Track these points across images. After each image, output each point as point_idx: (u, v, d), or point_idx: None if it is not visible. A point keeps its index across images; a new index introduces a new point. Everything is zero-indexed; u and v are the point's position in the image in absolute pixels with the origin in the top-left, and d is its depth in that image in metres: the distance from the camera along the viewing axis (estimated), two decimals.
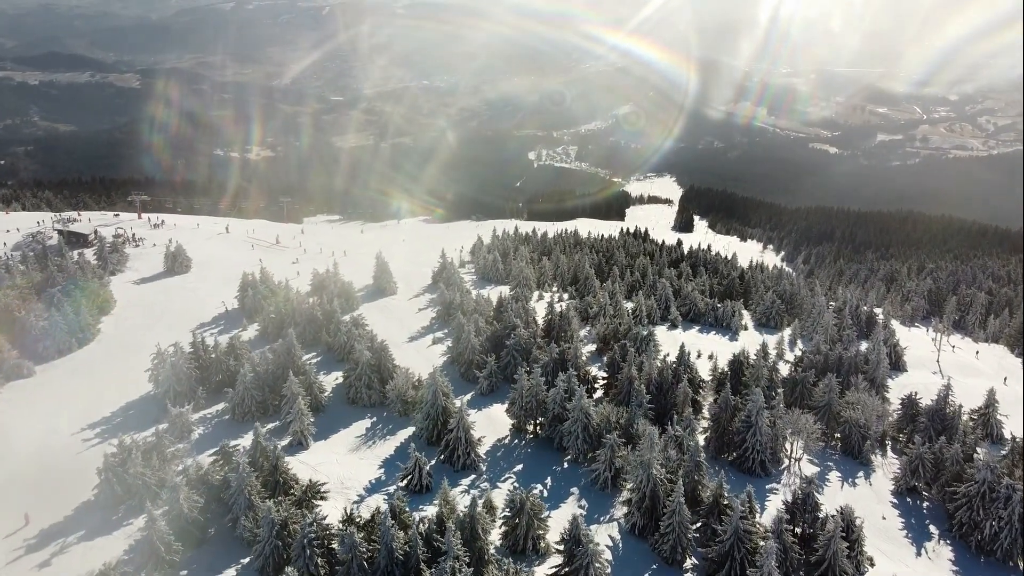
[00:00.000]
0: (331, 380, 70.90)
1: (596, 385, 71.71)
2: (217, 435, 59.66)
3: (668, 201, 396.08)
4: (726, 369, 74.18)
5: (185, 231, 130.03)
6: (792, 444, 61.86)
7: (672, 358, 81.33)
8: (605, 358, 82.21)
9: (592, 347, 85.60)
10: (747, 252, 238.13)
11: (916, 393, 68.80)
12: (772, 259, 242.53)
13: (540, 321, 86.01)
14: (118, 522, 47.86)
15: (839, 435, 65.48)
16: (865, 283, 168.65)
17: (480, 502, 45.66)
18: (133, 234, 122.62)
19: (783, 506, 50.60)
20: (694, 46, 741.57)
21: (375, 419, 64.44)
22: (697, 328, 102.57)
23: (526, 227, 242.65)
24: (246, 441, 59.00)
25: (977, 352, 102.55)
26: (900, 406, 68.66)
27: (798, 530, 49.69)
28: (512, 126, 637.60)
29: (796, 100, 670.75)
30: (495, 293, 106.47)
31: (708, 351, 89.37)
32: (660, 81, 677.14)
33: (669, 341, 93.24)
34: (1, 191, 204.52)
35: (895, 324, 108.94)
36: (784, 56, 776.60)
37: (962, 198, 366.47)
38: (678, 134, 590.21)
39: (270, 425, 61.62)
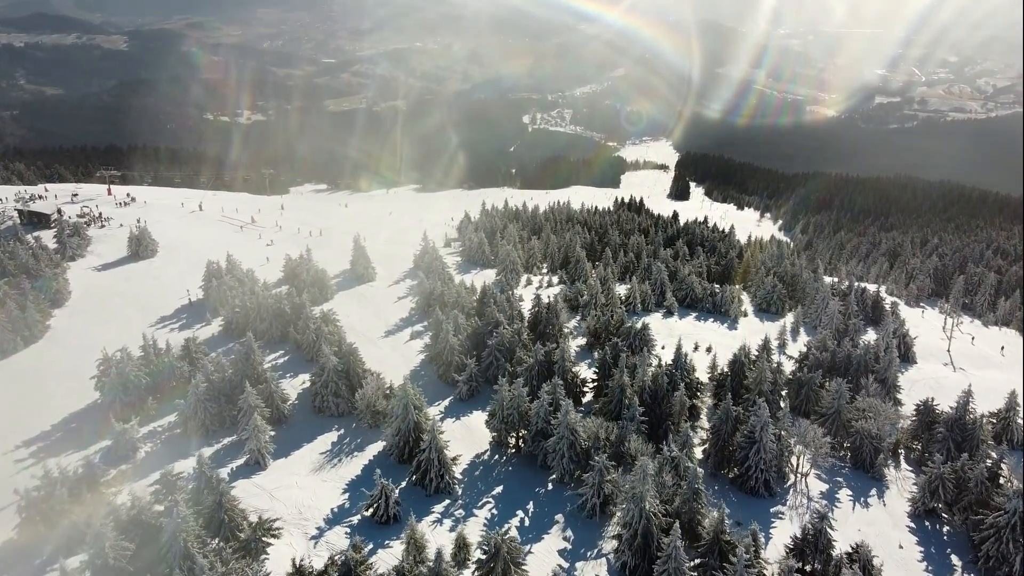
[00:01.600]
0: (298, 384, 65.23)
1: (585, 389, 66.19)
2: (166, 453, 53.97)
3: (664, 167, 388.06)
4: (726, 370, 68.51)
5: (156, 209, 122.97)
6: (799, 458, 56.46)
7: (668, 355, 76.39)
8: (596, 354, 77.08)
9: (582, 341, 79.84)
10: (744, 222, 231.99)
11: (933, 399, 63.20)
12: (770, 228, 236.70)
13: (527, 313, 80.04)
14: (42, 567, 42.34)
15: (849, 445, 60.15)
16: (867, 258, 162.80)
17: (448, 550, 40.26)
18: (99, 213, 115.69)
19: (791, 542, 45.35)
20: (690, 8, 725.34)
21: (343, 431, 58.78)
22: (694, 315, 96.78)
23: (518, 197, 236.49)
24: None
25: (1003, 348, 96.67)
26: (915, 413, 63.14)
27: (808, 567, 44.56)
28: (506, 89, 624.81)
29: (794, 62, 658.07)
30: (480, 278, 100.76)
31: (706, 342, 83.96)
32: (656, 43, 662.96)
33: (664, 330, 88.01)
34: None
35: (901, 306, 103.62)
36: (781, 17, 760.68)
37: (961, 162, 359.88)
38: (674, 97, 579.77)
39: (226, 440, 55.98)
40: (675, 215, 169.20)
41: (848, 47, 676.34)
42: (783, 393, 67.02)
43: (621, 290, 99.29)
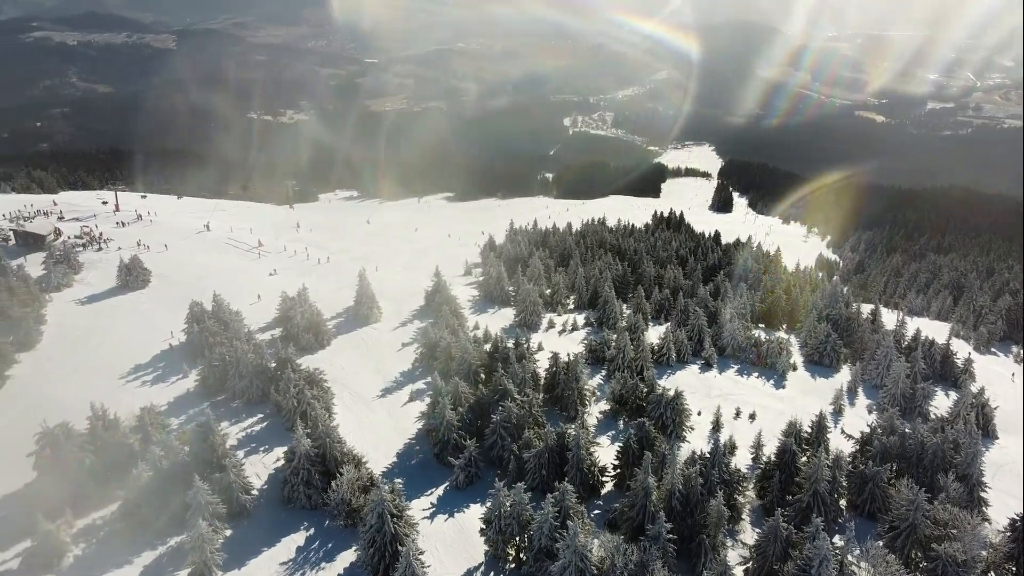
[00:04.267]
0: (271, 461, 56.29)
1: (605, 478, 56.16)
2: (98, 560, 45.56)
3: (706, 175, 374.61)
4: (772, 458, 57.80)
5: (160, 228, 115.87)
6: None
7: (706, 422, 66.38)
8: (621, 422, 67.25)
9: (606, 406, 69.68)
10: (790, 238, 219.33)
11: None
12: (818, 246, 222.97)
13: (542, 372, 70.23)
14: None
15: (927, 566, 49.01)
16: (927, 289, 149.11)
17: None
18: (100, 234, 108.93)
19: None
20: (735, 10, 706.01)
21: (312, 531, 49.61)
22: (735, 368, 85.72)
23: (554, 207, 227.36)
24: (135, 570, 45.23)
25: None
26: (1009, 528, 51.65)
27: None
28: (547, 91, 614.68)
29: (841, 66, 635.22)
30: (498, 318, 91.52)
31: (749, 405, 73.31)
32: (699, 46, 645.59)
33: (701, 389, 77.63)
34: None
35: (974, 357, 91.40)
36: (829, 19, 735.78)
37: (1019, 173, 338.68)
38: (717, 101, 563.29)
39: (174, 540, 47.23)
40: (717, 238, 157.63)
41: (899, 51, 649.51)
42: (842, 501, 56.19)
43: (654, 335, 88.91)
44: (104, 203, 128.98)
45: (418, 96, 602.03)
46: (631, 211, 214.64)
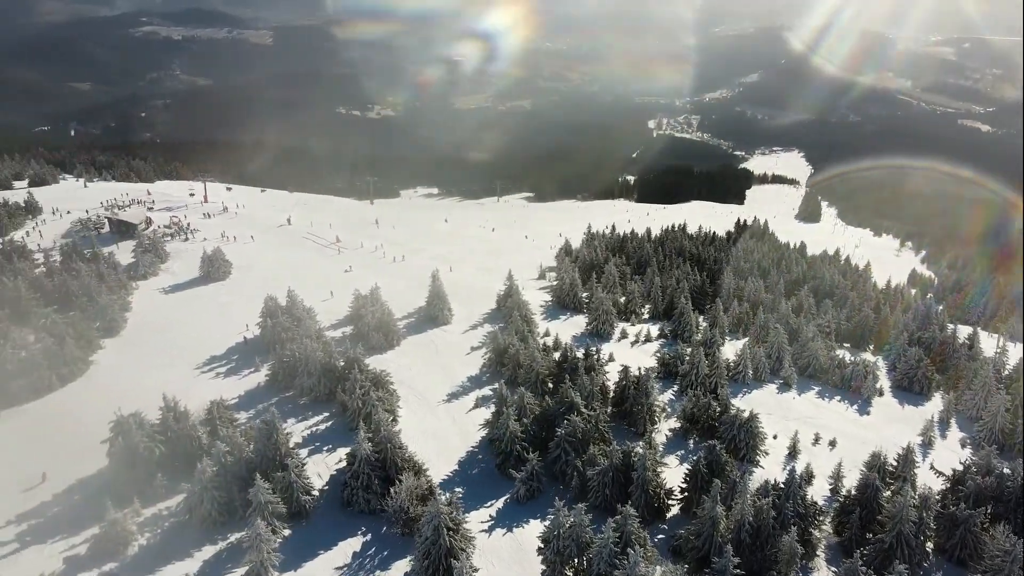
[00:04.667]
0: (334, 462, 56.22)
1: (671, 501, 53.88)
2: (161, 551, 46.33)
3: (794, 182, 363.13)
4: (853, 491, 54.20)
5: (244, 220, 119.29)
6: None
7: (781, 446, 63.22)
8: (690, 442, 64.67)
9: (676, 423, 67.10)
10: (881, 252, 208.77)
11: None
12: (911, 261, 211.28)
13: (612, 385, 68.22)
14: None
15: None
16: None
17: None
18: (187, 224, 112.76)
19: None
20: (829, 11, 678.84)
21: (369, 537, 49.23)
22: (816, 390, 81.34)
23: (633, 212, 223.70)
24: (195, 563, 45.75)
25: None
26: None
27: None
28: (633, 92, 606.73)
29: (944, 71, 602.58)
30: (569, 325, 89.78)
31: (829, 431, 69.24)
32: (793, 48, 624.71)
33: (778, 411, 73.96)
34: (101, 156, 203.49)
35: None
36: (932, 22, 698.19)
37: None
38: (809, 105, 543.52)
39: (234, 536, 47.57)
40: (802, 249, 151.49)
41: (1006, 57, 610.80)
42: (930, 529, 52.15)
43: (730, 351, 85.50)
44: (191, 194, 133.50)
45: (503, 94, 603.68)
46: (713, 218, 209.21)
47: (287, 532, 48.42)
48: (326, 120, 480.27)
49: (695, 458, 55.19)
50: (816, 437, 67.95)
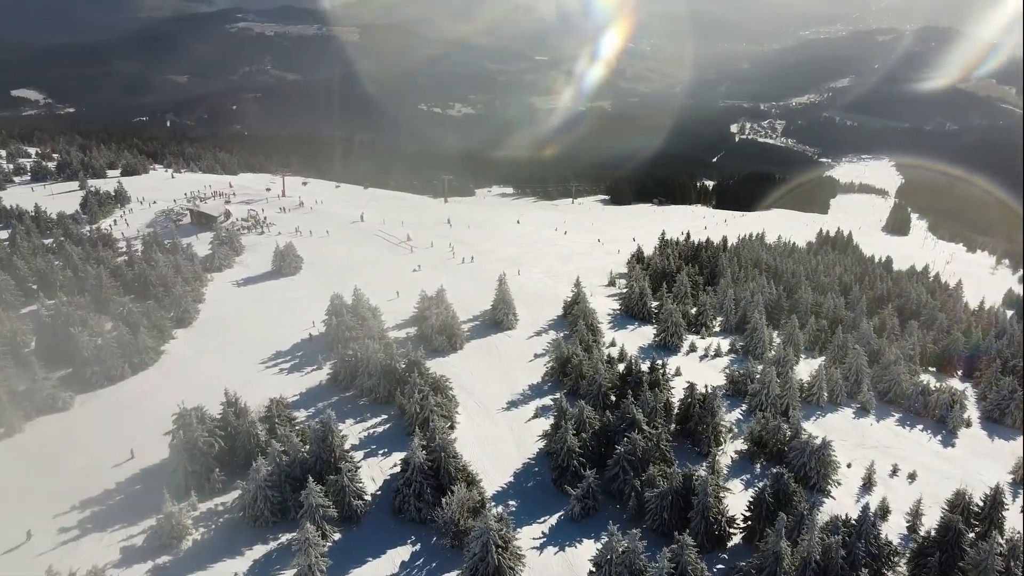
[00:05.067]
0: (388, 467, 55.77)
1: (732, 529, 51.26)
2: (214, 546, 46.77)
3: (883, 192, 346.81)
4: (933, 532, 50.41)
5: (318, 215, 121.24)
6: None
7: (855, 478, 59.64)
8: (757, 466, 61.66)
9: (742, 444, 64.06)
10: (975, 269, 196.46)
11: None
12: (1008, 279, 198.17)
13: (676, 401, 65.72)
14: None
15: None
16: None
17: None
18: (264, 218, 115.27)
19: None
20: (927, 11, 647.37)
21: (418, 547, 48.50)
22: (896, 417, 76.63)
23: (710, 218, 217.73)
24: (246, 562, 45.90)
25: None
26: None
27: None
28: (716, 96, 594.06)
29: None
30: (636, 336, 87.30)
31: (909, 463, 64.99)
32: (887, 52, 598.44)
33: (854, 436, 70.05)
34: (190, 148, 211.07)
35: None
36: None
37: None
38: (902, 112, 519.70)
39: (285, 537, 47.58)
40: (888, 264, 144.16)
41: None
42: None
43: (804, 370, 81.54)
44: (268, 189, 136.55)
45: (584, 95, 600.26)
46: (794, 227, 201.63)
47: (337, 536, 48.16)
48: (407, 117, 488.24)
49: (760, 485, 52.40)
50: (894, 468, 63.91)
